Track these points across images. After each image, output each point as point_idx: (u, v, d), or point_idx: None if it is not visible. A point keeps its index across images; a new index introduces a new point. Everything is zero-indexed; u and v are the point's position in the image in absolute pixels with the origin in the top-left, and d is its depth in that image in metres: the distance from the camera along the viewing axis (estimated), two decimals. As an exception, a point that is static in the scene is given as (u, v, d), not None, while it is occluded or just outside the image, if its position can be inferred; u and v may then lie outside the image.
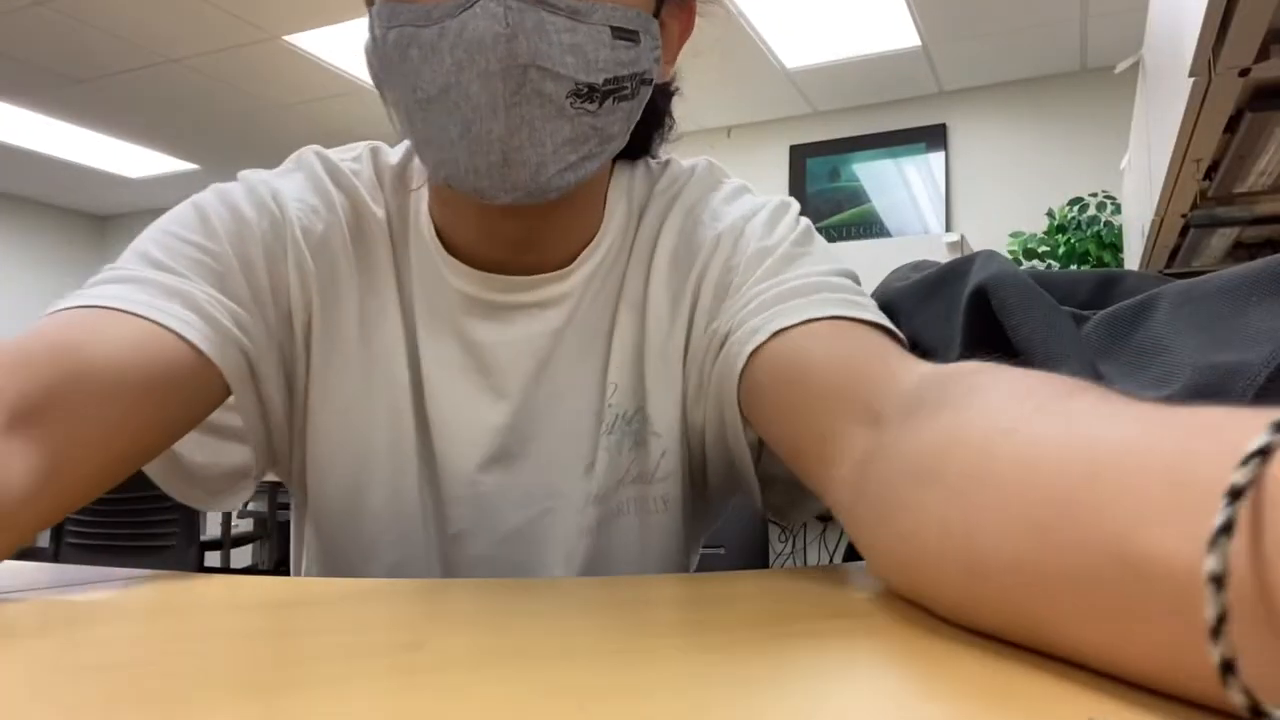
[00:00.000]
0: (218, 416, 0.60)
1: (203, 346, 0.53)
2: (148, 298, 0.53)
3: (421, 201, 0.65)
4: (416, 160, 0.66)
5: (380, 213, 0.64)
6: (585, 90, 0.53)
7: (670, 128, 0.73)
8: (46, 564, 0.62)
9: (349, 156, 0.66)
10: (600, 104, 0.54)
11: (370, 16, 0.56)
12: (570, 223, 0.64)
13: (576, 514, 0.63)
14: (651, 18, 0.57)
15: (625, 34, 0.54)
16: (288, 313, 0.61)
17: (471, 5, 0.49)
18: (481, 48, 0.49)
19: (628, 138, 0.59)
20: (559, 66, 0.51)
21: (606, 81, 0.54)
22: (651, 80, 0.58)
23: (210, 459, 0.62)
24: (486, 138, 0.51)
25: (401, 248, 0.64)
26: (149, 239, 0.59)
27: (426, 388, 0.63)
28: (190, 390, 0.54)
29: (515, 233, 0.62)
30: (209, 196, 0.61)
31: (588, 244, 0.65)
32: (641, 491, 0.64)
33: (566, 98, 0.52)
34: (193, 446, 0.60)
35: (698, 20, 0.66)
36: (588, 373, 0.64)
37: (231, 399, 0.58)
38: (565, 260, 0.64)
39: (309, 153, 0.66)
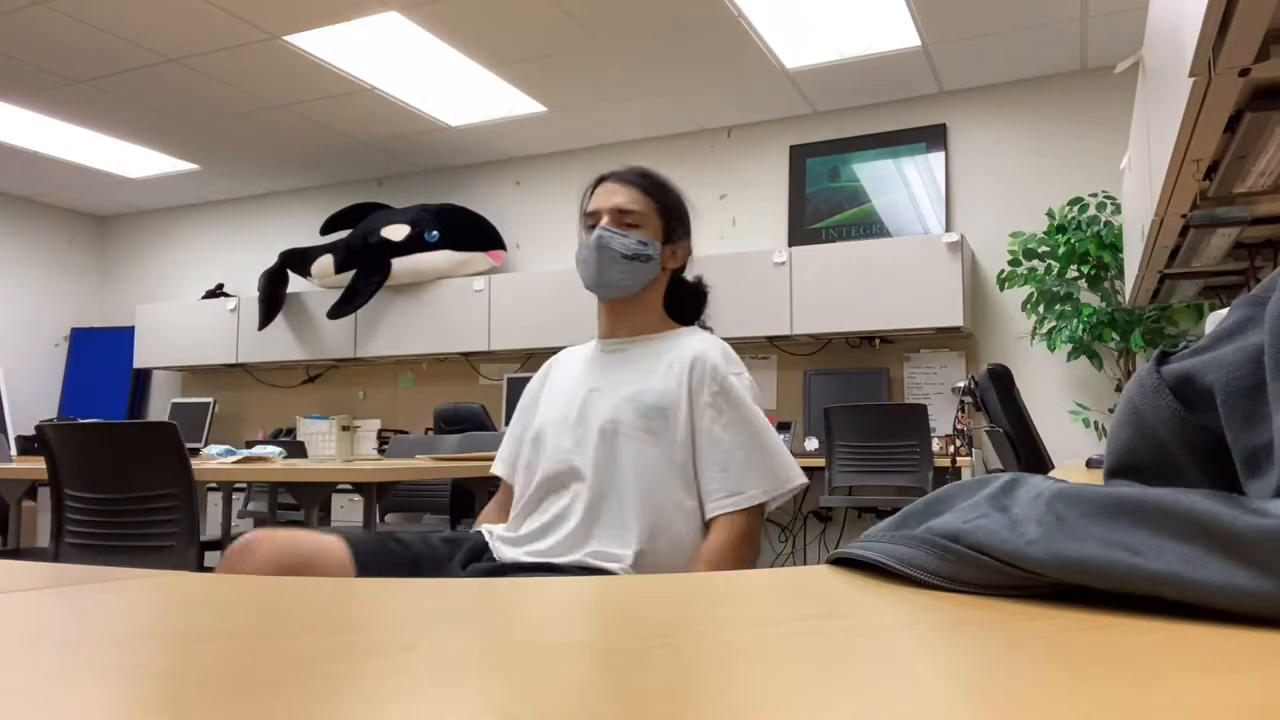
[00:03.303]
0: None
1: (497, 472, 1.79)
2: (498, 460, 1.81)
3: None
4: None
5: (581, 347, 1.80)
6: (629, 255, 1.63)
7: (699, 314, 1.78)
8: (46, 564, 0.62)
9: None
10: (630, 261, 1.64)
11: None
12: (629, 317, 1.69)
13: (589, 434, 1.60)
14: (655, 242, 1.66)
15: (641, 241, 1.64)
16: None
17: (595, 232, 1.64)
18: (594, 243, 1.63)
19: (648, 279, 1.67)
20: (619, 248, 1.63)
21: (635, 254, 1.63)
22: (653, 258, 1.65)
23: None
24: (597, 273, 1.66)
25: (569, 356, 1.80)
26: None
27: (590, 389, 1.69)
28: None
29: (612, 315, 1.70)
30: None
31: (644, 334, 1.69)
32: (654, 429, 1.58)
33: (623, 258, 1.64)
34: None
35: (698, 21, 1.12)
36: (638, 380, 1.63)
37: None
38: (631, 334, 1.70)
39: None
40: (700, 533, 1.54)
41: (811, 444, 4.58)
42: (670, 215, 1.67)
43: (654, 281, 1.67)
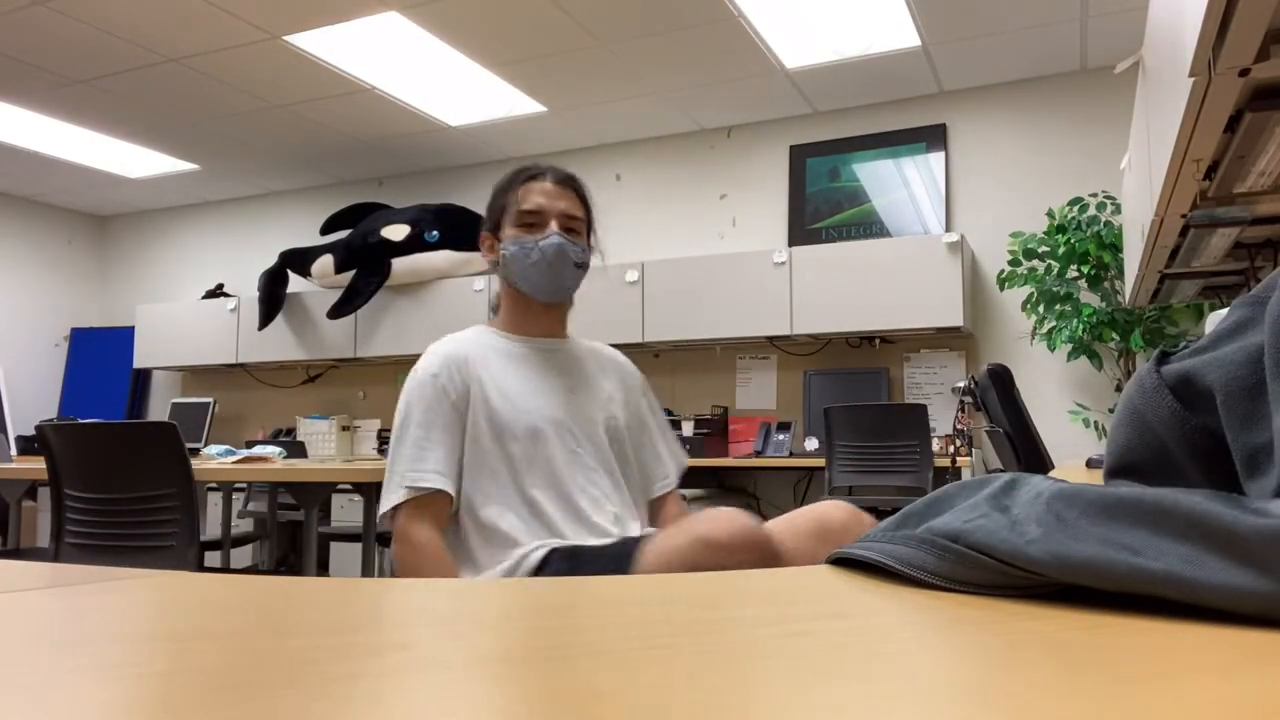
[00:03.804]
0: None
1: (440, 486, 1.56)
2: (414, 473, 1.56)
3: (489, 329, 1.77)
4: (486, 324, 1.79)
5: (481, 339, 1.73)
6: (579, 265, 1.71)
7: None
8: (46, 564, 0.62)
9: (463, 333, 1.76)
10: (579, 270, 1.71)
11: (503, 243, 1.69)
12: (560, 319, 1.77)
13: (592, 430, 1.68)
14: (589, 247, 1.74)
15: (585, 249, 1.71)
16: (457, 394, 1.64)
17: (550, 236, 1.66)
18: (554, 249, 1.66)
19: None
20: (573, 256, 1.68)
21: (582, 263, 1.71)
22: (589, 266, 1.73)
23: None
24: (554, 277, 1.69)
25: (480, 349, 1.69)
26: (400, 422, 1.63)
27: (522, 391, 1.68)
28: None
29: (549, 317, 1.75)
30: (419, 365, 1.69)
31: (563, 334, 1.78)
32: (630, 423, 1.75)
33: (575, 265, 1.70)
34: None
35: (698, 21, 1.20)
36: (600, 379, 1.76)
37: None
38: (560, 336, 1.78)
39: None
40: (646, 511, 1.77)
41: (811, 444, 4.58)
42: (591, 223, 1.75)
43: None
